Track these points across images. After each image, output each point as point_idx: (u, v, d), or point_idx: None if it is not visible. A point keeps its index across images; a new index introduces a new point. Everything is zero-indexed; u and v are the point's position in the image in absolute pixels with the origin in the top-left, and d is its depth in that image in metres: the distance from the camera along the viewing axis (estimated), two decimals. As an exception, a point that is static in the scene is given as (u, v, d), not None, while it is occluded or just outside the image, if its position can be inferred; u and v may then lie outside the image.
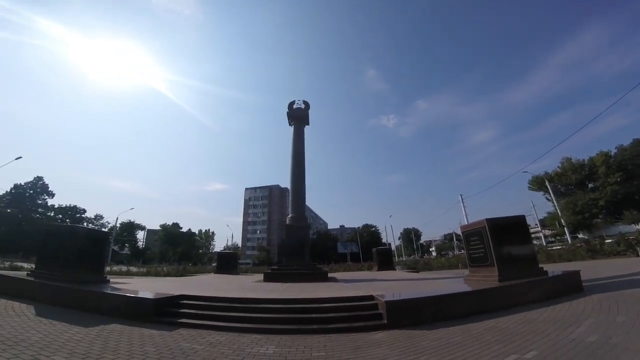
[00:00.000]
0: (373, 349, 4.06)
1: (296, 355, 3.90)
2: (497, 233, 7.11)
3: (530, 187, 59.82)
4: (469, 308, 5.55)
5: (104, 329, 4.66)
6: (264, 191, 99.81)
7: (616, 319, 4.28)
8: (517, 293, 6.03)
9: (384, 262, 18.48)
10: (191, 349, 3.98)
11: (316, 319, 5.41)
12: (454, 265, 19.11)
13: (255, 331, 4.96)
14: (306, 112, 15.79)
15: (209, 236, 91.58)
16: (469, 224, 8.79)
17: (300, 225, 13.25)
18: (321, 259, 41.36)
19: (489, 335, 4.20)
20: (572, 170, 55.73)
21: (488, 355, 3.46)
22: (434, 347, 3.92)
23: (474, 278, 7.67)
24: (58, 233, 7.98)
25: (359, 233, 78.59)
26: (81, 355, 3.46)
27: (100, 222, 70.03)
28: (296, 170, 14.44)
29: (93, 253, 8.05)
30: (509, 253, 7.02)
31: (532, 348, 3.54)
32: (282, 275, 11.72)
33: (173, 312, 5.78)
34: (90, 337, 4.15)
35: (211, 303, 6.21)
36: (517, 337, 4.00)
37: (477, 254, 7.65)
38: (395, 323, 5.08)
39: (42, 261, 7.57)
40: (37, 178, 59.26)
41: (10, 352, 3.35)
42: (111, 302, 5.94)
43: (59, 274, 6.91)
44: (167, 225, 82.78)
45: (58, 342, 3.85)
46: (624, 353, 3.13)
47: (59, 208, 62.64)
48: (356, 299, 6.27)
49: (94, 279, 7.76)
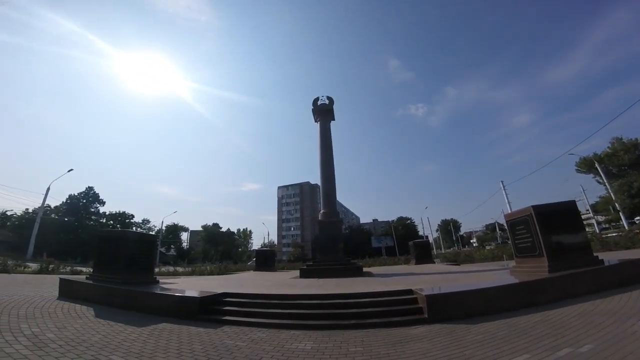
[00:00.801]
0: (413, 343, 3.98)
1: (333, 350, 3.93)
2: (545, 220, 6.68)
3: (579, 170, 54.80)
4: (516, 301, 5.26)
5: (155, 328, 4.96)
6: (295, 189, 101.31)
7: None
8: (570, 284, 5.62)
9: (421, 256, 17.99)
10: (235, 346, 4.14)
11: (353, 314, 5.42)
12: (498, 257, 18.15)
13: (294, 327, 5.07)
14: (331, 107, 15.73)
15: (247, 235, 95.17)
16: (514, 212, 8.30)
17: (332, 220, 13.27)
18: (355, 254, 41.15)
19: (538, 329, 3.96)
20: (624, 150, 50.09)
21: (537, 349, 3.25)
22: (479, 342, 3.76)
23: (521, 269, 7.25)
24: (111, 238, 8.52)
25: (394, 226, 77.11)
26: (136, 354, 3.70)
27: (147, 225, 75.02)
28: (325, 166, 14.47)
29: (143, 255, 8.50)
30: (559, 242, 6.57)
31: (587, 341, 3.29)
32: (317, 271, 11.86)
33: (217, 309, 6.04)
34: (143, 337, 4.43)
35: (252, 300, 6.43)
36: (570, 330, 3.73)
37: (523, 244, 7.22)
38: (437, 317, 4.95)
39: (98, 265, 8.15)
40: (88, 188, 64.35)
41: (74, 352, 3.64)
42: (161, 302, 6.32)
43: (114, 277, 7.41)
44: (208, 225, 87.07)
45: (115, 342, 4.13)
46: None
47: (110, 214, 67.75)
48: (394, 293, 6.18)
49: (145, 280, 8.24)
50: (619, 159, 51.07)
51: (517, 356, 3.16)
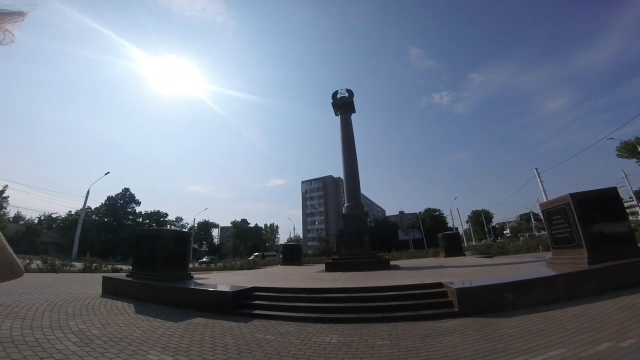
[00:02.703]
0: (443, 337, 3.94)
1: (359, 344, 3.96)
2: (584, 209, 6.33)
3: (619, 155, 50.51)
4: (553, 294, 5.03)
5: (191, 323, 5.23)
6: (319, 183, 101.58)
7: None
8: (612, 276, 5.29)
9: (451, 248, 17.53)
10: (265, 339, 4.29)
11: (380, 307, 5.43)
12: (533, 248, 17.38)
13: (320, 320, 5.16)
14: (351, 100, 15.59)
15: (274, 230, 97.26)
16: (550, 200, 7.88)
17: (357, 213, 13.25)
18: (381, 247, 40.90)
19: (576, 323, 3.78)
20: None
21: (575, 344, 3.12)
22: (512, 335, 3.66)
23: (559, 261, 6.92)
24: (148, 236, 8.97)
25: (421, 218, 75.49)
26: (173, 349, 3.92)
27: (180, 223, 78.65)
28: (347, 159, 14.43)
29: (178, 252, 8.94)
30: (599, 232, 6.19)
31: (629, 336, 3.11)
32: (343, 264, 11.91)
33: (248, 304, 6.27)
34: (179, 332, 4.68)
35: (280, 294, 6.62)
36: (610, 324, 3.54)
37: (561, 234, 6.88)
38: (467, 311, 4.86)
39: (137, 262, 8.65)
40: (125, 189, 68.31)
41: (117, 347, 3.90)
42: (196, 297, 6.63)
43: (152, 274, 7.84)
44: (237, 221, 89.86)
45: (154, 337, 4.39)
46: None
47: (146, 214, 71.59)
48: (423, 286, 6.12)
49: (181, 275, 8.69)
50: (664, 142, 46.52)
51: (552, 350, 3.05)
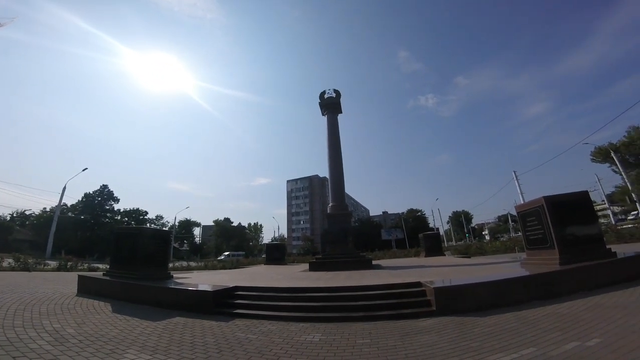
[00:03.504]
0: (421, 335, 4.03)
1: (341, 342, 4.00)
2: (557, 212, 6.56)
3: (594, 159, 53.20)
4: (526, 294, 5.24)
5: (170, 322, 5.13)
6: (304, 182, 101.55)
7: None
8: (581, 277, 5.55)
9: (432, 248, 17.92)
10: (246, 338, 4.26)
11: (362, 306, 5.49)
12: (510, 249, 17.98)
13: (303, 319, 5.18)
14: (338, 101, 15.69)
15: (258, 229, 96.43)
16: (525, 203, 8.18)
17: (341, 213, 13.36)
18: (365, 247, 41.20)
19: (547, 322, 3.95)
20: None
21: (545, 342, 3.26)
22: (486, 334, 3.78)
23: (532, 262, 7.18)
24: (127, 235, 8.72)
25: (404, 218, 76.77)
26: (151, 348, 3.83)
27: (161, 221, 76.92)
28: (333, 159, 14.51)
29: (158, 251, 8.71)
30: (571, 233, 6.45)
31: (595, 335, 3.27)
32: (327, 263, 11.97)
33: (229, 303, 6.20)
34: (158, 331, 4.58)
35: (262, 293, 6.57)
36: (579, 324, 3.72)
37: (534, 236, 7.14)
38: (445, 310, 4.99)
39: (115, 261, 8.38)
40: (103, 186, 65.94)
41: (93, 347, 3.78)
42: (176, 297, 6.50)
43: (130, 272, 7.63)
44: (220, 220, 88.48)
45: (131, 336, 4.28)
46: None
47: (124, 212, 69.30)
48: (403, 285, 6.22)
49: (160, 275, 8.47)
50: (636, 148, 49.31)
51: (524, 349, 3.17)
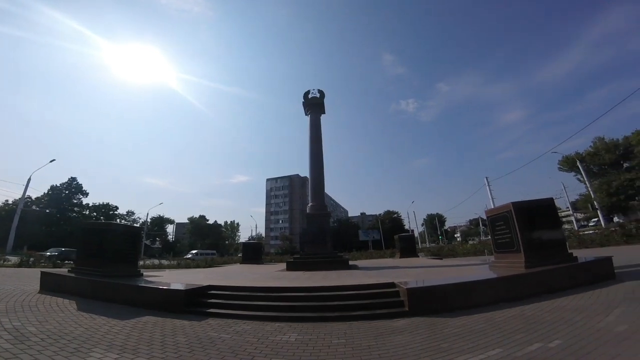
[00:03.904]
0: (394, 336, 4.11)
1: (317, 342, 4.01)
2: (523, 217, 6.87)
3: (561, 168, 56.70)
4: (494, 295, 5.46)
5: (139, 321, 4.95)
6: (285, 181, 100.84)
7: (650, 307, 4.07)
8: (545, 280, 5.86)
9: (406, 249, 18.35)
10: (219, 338, 4.18)
11: (338, 306, 5.53)
12: (480, 252, 18.70)
13: (279, 319, 5.14)
14: (321, 101, 15.71)
15: (234, 227, 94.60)
16: (494, 208, 8.52)
17: (321, 213, 13.38)
18: (343, 247, 41.63)
19: (513, 323, 4.14)
20: (606, 149, 51.96)
21: (510, 344, 3.41)
22: (455, 335, 3.91)
23: (500, 265, 7.48)
24: (95, 230, 8.33)
25: (381, 220, 78.05)
26: (118, 347, 3.69)
27: (132, 217, 73.59)
28: (314, 159, 14.51)
29: (128, 248, 8.41)
30: (536, 238, 6.78)
31: (557, 337, 3.46)
32: (305, 263, 11.96)
33: (202, 302, 6.05)
34: (126, 330, 4.41)
35: (237, 292, 6.47)
36: (542, 326, 3.92)
37: (503, 240, 7.43)
38: (417, 310, 5.11)
39: (81, 258, 8.00)
40: (71, 179, 62.41)
41: (56, 345, 3.61)
42: (145, 295, 6.28)
43: (98, 269, 7.30)
44: (195, 217, 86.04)
45: (98, 335, 4.11)
46: None
47: (93, 206, 65.98)
48: (377, 286, 6.32)
49: (130, 272, 8.16)
50: (600, 158, 52.99)
51: (490, 350, 3.31)
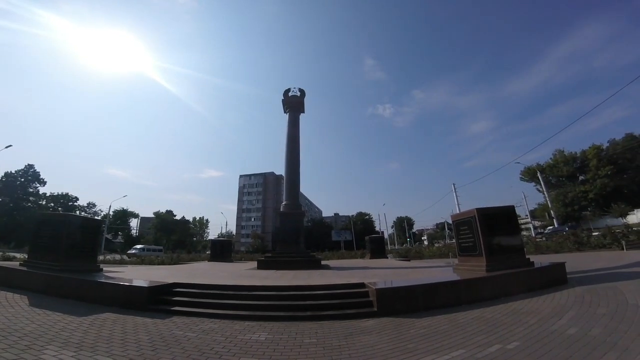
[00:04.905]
0: (363, 336, 4.18)
1: (288, 341, 4.00)
2: (486, 223, 7.15)
3: (522, 178, 60.69)
4: (457, 297, 5.69)
5: (98, 318, 4.71)
6: (259, 178, 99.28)
7: (597, 311, 4.39)
8: (504, 284, 6.16)
9: (376, 251, 18.73)
10: (184, 336, 4.05)
11: (309, 306, 5.54)
12: (444, 254, 19.44)
13: (249, 318, 5.07)
14: (302, 100, 15.64)
15: (203, 224, 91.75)
16: (460, 213, 8.89)
17: (295, 212, 13.32)
18: (316, 247, 41.86)
19: (474, 325, 4.34)
20: (564, 162, 56.33)
21: (472, 345, 3.58)
22: (421, 335, 4.05)
23: (463, 267, 7.78)
24: (51, 222, 7.87)
25: (353, 221, 79.32)
26: (75, 344, 3.49)
27: (92, 210, 69.65)
28: (291, 158, 14.42)
29: (86, 241, 8.02)
30: (497, 243, 7.09)
31: (514, 339, 3.66)
32: (276, 262, 11.86)
33: (167, 300, 5.84)
34: (84, 327, 4.18)
35: (204, 291, 6.29)
36: (500, 328, 4.13)
37: (466, 244, 7.71)
38: (385, 311, 5.23)
39: (35, 250, 7.51)
40: (28, 166, 58.18)
41: (5, 342, 3.37)
42: (105, 291, 5.98)
43: (53, 264, 6.89)
44: (161, 212, 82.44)
45: (52, 331, 3.88)
46: (602, 345, 3.22)
47: (51, 196, 61.86)
48: (348, 286, 6.40)
49: (88, 267, 7.76)
50: (559, 170, 57.24)
51: (454, 351, 3.45)
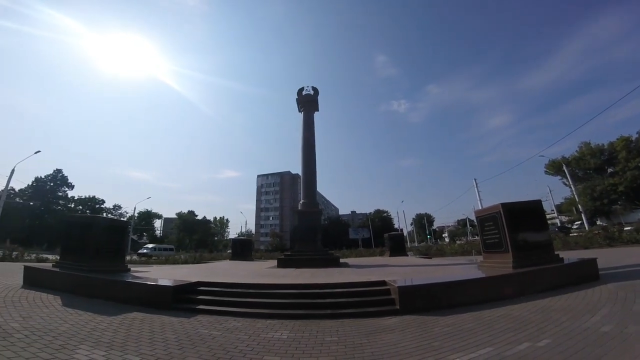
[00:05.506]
0: (385, 334, 4.12)
1: (309, 340, 4.00)
2: (512, 218, 6.97)
3: (547, 172, 58.05)
4: (482, 295, 5.53)
5: (127, 317, 4.85)
6: (276, 178, 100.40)
7: (633, 308, 4.19)
8: (532, 280, 5.96)
9: (395, 248, 18.54)
10: (209, 335, 4.13)
11: (329, 304, 5.52)
12: (467, 252, 18.98)
13: (270, 316, 5.11)
14: (315, 98, 15.70)
15: (224, 223, 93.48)
16: (484, 208, 8.62)
17: (312, 210, 13.37)
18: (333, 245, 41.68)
19: (501, 323, 4.20)
20: (591, 154, 53.46)
21: (500, 343, 3.46)
22: (446, 334, 3.95)
23: (488, 264, 7.59)
24: (80, 224, 8.14)
25: (371, 219, 78.51)
26: (106, 344, 3.61)
27: (118, 212, 72.10)
28: (306, 156, 14.48)
29: (114, 242, 8.25)
30: (524, 239, 6.87)
31: (545, 336, 3.53)
32: (295, 260, 11.94)
33: (191, 298, 5.97)
34: (114, 326, 4.33)
35: (227, 289, 6.40)
36: (530, 325, 3.98)
37: (491, 240, 7.53)
38: (408, 309, 5.14)
39: (66, 252, 7.80)
40: (56, 170, 61.00)
41: (41, 342, 3.51)
42: (133, 291, 6.17)
43: (83, 264, 7.14)
44: (183, 213, 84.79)
45: (84, 331, 4.02)
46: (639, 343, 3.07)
47: (79, 199, 64.53)
48: (368, 284, 6.34)
49: (116, 268, 8.00)
50: (586, 163, 54.38)
51: (481, 349, 3.35)
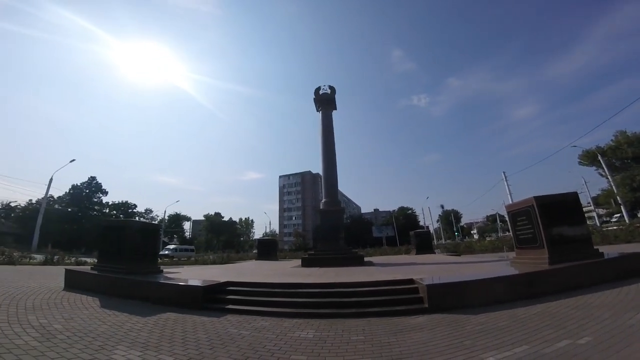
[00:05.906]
0: (414, 332, 4.05)
1: (335, 339, 3.99)
2: (546, 212, 6.66)
3: (581, 162, 54.47)
4: (516, 292, 5.31)
5: (160, 317, 5.05)
6: (297, 178, 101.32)
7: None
8: (570, 276, 5.66)
9: (422, 246, 18.15)
10: (239, 334, 4.21)
11: (354, 303, 5.49)
12: (498, 248, 18.28)
13: (296, 316, 5.15)
14: (332, 97, 15.68)
15: (249, 224, 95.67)
16: (515, 202, 8.28)
17: (334, 209, 13.37)
18: (356, 244, 41.53)
19: (538, 320, 4.01)
20: (628, 143, 49.42)
21: (537, 340, 3.30)
22: (478, 332, 3.82)
23: (522, 261, 7.29)
24: (115, 228, 8.55)
25: (395, 216, 77.27)
26: (142, 344, 3.76)
27: (150, 215, 75.32)
28: (326, 155, 14.49)
29: (147, 245, 8.61)
30: (560, 234, 6.55)
31: (585, 334, 3.34)
32: (319, 260, 11.98)
33: (221, 298, 6.14)
34: (148, 327, 4.51)
35: (254, 289, 6.53)
36: (569, 322, 3.78)
37: (524, 235, 7.23)
38: (437, 307, 5.02)
39: (102, 255, 8.24)
40: (91, 178, 64.44)
41: (82, 342, 3.70)
42: (165, 292, 6.42)
43: (119, 267, 7.49)
44: (210, 215, 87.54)
45: (121, 332, 4.21)
46: None
47: (113, 204, 67.94)
48: (395, 282, 6.25)
49: (149, 269, 8.36)
50: (623, 152, 50.47)
51: (517, 347, 3.21)
